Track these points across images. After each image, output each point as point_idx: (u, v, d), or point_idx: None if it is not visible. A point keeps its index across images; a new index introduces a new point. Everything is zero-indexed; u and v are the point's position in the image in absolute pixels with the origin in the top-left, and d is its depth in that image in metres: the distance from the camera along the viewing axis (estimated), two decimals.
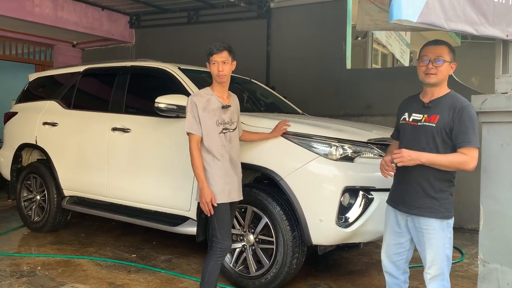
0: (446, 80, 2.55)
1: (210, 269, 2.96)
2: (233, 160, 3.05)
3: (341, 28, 6.86)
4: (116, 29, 8.67)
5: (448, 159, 2.41)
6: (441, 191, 2.49)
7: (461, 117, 2.40)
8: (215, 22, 7.84)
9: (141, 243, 4.87)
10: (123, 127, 4.33)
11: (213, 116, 2.98)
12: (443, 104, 2.48)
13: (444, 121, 2.44)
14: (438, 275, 2.52)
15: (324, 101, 6.71)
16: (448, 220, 2.51)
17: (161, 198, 4.05)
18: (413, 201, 2.54)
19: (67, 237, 5.03)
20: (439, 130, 2.45)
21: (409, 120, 2.59)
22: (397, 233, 2.67)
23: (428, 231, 2.51)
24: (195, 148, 2.94)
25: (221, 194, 2.95)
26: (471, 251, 4.75)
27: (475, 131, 2.40)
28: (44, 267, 4.05)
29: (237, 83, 5.06)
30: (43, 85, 5.68)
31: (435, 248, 2.50)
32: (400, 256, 2.70)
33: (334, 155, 3.33)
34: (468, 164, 2.39)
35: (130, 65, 4.68)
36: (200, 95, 3.03)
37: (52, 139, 5.03)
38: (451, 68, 2.53)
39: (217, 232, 2.97)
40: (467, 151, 2.39)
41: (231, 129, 3.06)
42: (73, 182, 4.82)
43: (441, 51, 2.51)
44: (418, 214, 2.53)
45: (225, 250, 3.00)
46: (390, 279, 2.77)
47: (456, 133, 2.41)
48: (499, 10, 2.68)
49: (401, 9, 2.23)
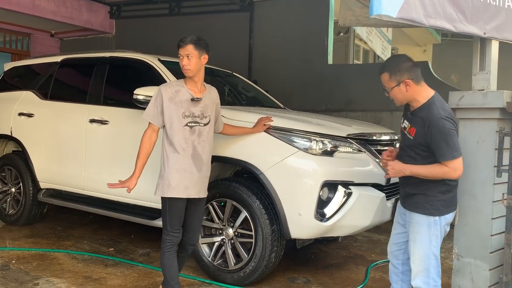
0: (417, 91, 2.50)
1: (167, 263, 2.98)
2: (197, 156, 2.96)
3: (324, 23, 6.87)
4: (96, 19, 8.52)
5: (430, 170, 2.46)
6: (429, 189, 2.52)
7: (432, 132, 2.42)
8: (197, 14, 7.77)
9: (119, 236, 4.81)
10: (101, 119, 4.26)
11: (179, 108, 2.91)
12: (418, 117, 2.51)
13: (419, 137, 2.48)
14: (422, 271, 2.55)
15: (305, 95, 6.73)
16: (435, 218, 2.52)
17: (138, 191, 3.97)
18: (407, 195, 2.63)
19: (43, 230, 4.94)
20: (416, 144, 2.51)
21: (402, 126, 2.66)
22: (400, 225, 2.76)
23: (413, 225, 2.58)
24: (146, 136, 2.95)
25: (176, 189, 2.91)
26: (447, 245, 4.82)
27: (448, 143, 2.39)
28: (19, 261, 3.97)
29: (219, 76, 5.03)
30: (19, 75, 5.54)
31: (419, 243, 2.55)
32: (399, 247, 2.78)
33: (314, 150, 3.33)
34: (451, 174, 2.44)
35: (109, 56, 4.60)
36: (170, 85, 3.00)
37: (28, 131, 4.91)
38: (405, 85, 2.47)
39: (167, 224, 2.98)
40: (445, 163, 2.42)
41: (201, 123, 2.97)
42: (50, 174, 4.73)
43: (383, 80, 2.55)
44: (409, 209, 2.61)
45: (174, 242, 2.99)
46: (391, 266, 2.86)
47: (433, 148, 2.44)
48: (477, 8, 2.72)
49: (381, 4, 2.25)
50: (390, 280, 2.87)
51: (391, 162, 2.57)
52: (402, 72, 2.48)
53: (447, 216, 2.56)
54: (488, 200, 2.79)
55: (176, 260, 3.03)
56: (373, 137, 3.66)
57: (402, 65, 2.50)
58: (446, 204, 2.54)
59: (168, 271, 3.00)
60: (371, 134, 3.68)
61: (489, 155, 2.78)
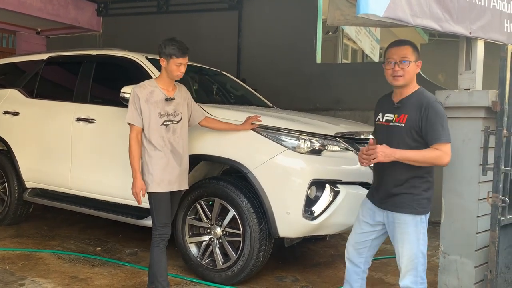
0: (415, 79, 2.55)
1: (156, 257, 3.05)
2: (176, 151, 3.10)
3: (312, 22, 6.88)
4: (83, 17, 8.41)
5: (422, 154, 2.42)
6: (414, 187, 2.50)
7: (428, 114, 2.41)
8: (186, 12, 7.72)
9: (106, 236, 4.77)
10: (88, 118, 4.22)
11: (155, 108, 3.02)
12: (411, 103, 2.49)
13: (413, 120, 2.46)
14: (410, 270, 2.54)
15: (294, 94, 6.73)
16: (422, 216, 2.52)
17: (126, 190, 3.93)
18: (388, 196, 2.56)
19: (28, 230, 4.87)
20: (408, 130, 2.47)
21: (383, 121, 2.61)
22: (368, 225, 2.69)
23: (400, 226, 2.53)
24: (133, 139, 3.01)
25: (159, 184, 3.03)
26: (433, 243, 4.85)
27: (444, 126, 2.41)
28: (4, 261, 3.91)
29: (207, 75, 5.01)
30: (4, 73, 5.45)
31: (408, 243, 2.52)
32: (364, 245, 2.73)
33: (302, 148, 3.34)
34: (442, 159, 2.42)
35: (96, 53, 4.55)
36: (143, 86, 3.07)
37: (13, 129, 4.84)
38: (417, 66, 2.53)
39: (156, 219, 3.07)
40: (439, 146, 2.41)
41: (175, 121, 3.10)
42: (36, 173, 4.66)
43: (405, 51, 2.50)
44: (392, 210, 2.55)
45: (163, 237, 3.07)
46: (351, 266, 2.80)
47: (426, 131, 2.42)
48: (463, 8, 2.75)
49: (368, 4, 2.25)
50: (349, 280, 2.80)
51: (379, 146, 2.44)
52: (419, 54, 2.54)
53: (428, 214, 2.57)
54: (474, 198, 2.83)
55: (165, 256, 3.08)
56: (360, 136, 3.66)
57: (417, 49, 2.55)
58: (429, 202, 2.55)
59: (156, 266, 3.05)
60: (358, 133, 3.69)
61: (475, 154, 2.81)
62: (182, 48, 3.01)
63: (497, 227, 2.70)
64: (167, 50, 2.99)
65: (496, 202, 2.69)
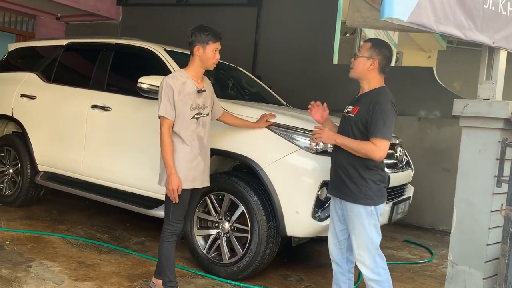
0: (375, 76, 2.67)
1: (165, 252, 2.99)
2: (203, 146, 3.00)
3: (331, 23, 6.85)
4: (103, 5, 8.46)
5: (357, 144, 2.57)
6: (363, 178, 2.60)
7: (374, 109, 2.54)
8: (205, 6, 7.72)
9: (114, 223, 4.81)
10: (103, 105, 4.25)
11: (188, 100, 2.90)
12: (366, 99, 2.64)
13: (361, 114, 2.61)
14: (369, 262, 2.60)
15: (308, 94, 6.66)
16: (371, 207, 2.59)
17: (137, 179, 4.00)
18: (340, 186, 2.69)
19: (38, 213, 4.93)
20: (355, 121, 2.63)
21: (344, 111, 2.78)
22: (337, 221, 2.80)
23: (351, 217, 2.64)
24: (166, 133, 2.86)
25: (184, 181, 2.91)
26: (440, 252, 4.85)
27: (386, 124, 2.51)
28: (13, 242, 3.96)
29: (223, 70, 5.01)
30: (23, 56, 5.51)
31: (359, 235, 2.61)
32: (341, 244, 2.81)
33: (315, 149, 3.33)
34: (374, 153, 2.52)
35: (115, 42, 4.58)
36: (176, 77, 2.93)
37: (29, 112, 4.90)
38: (371, 64, 2.64)
39: (171, 214, 2.97)
40: (375, 141, 2.51)
41: (204, 114, 3.01)
42: (48, 157, 4.72)
43: (362, 47, 2.71)
44: (343, 199, 2.68)
45: (175, 232, 3.00)
46: (336, 267, 2.88)
47: (369, 125, 2.55)
48: (488, 17, 2.71)
49: (393, 8, 2.23)
50: (337, 282, 2.87)
51: (326, 129, 2.71)
52: (378, 53, 2.65)
53: (381, 207, 2.65)
54: (487, 210, 2.80)
55: (174, 250, 3.04)
56: None
57: (383, 49, 2.66)
58: (378, 194, 2.61)
59: (166, 261, 3.01)
60: None
61: (490, 165, 2.78)
62: (216, 33, 2.96)
63: (509, 240, 2.68)
64: (202, 37, 2.90)
65: (509, 215, 2.67)
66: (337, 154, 2.72)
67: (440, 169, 5.83)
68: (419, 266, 4.39)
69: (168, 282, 3.02)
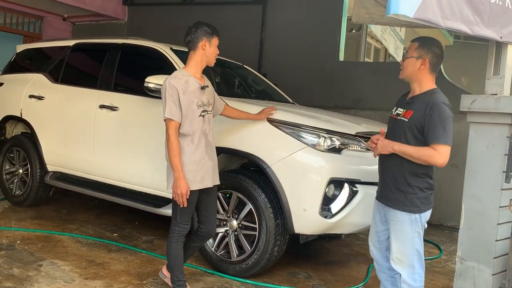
0: (426, 77, 2.56)
1: (173, 253, 2.98)
2: (208, 143, 2.98)
3: (337, 19, 6.83)
4: (109, 5, 8.50)
5: (417, 150, 2.47)
6: (410, 186, 2.53)
7: (432, 114, 2.44)
8: (210, 5, 7.73)
9: (123, 222, 4.85)
10: (111, 105, 4.28)
11: (193, 98, 2.86)
12: (420, 101, 2.53)
13: (416, 118, 2.50)
14: (407, 267, 2.57)
15: (315, 91, 6.70)
16: (416, 215, 2.54)
17: (146, 178, 4.03)
18: (386, 192, 2.63)
19: (48, 213, 4.98)
20: (410, 126, 2.52)
21: (393, 114, 2.68)
22: (379, 222, 2.76)
23: (394, 223, 2.59)
24: (173, 135, 2.81)
25: (193, 182, 2.87)
26: (449, 248, 4.83)
27: (445, 128, 2.43)
28: (24, 241, 4.01)
29: (229, 68, 5.03)
30: (31, 57, 5.56)
31: (401, 241, 2.57)
32: (381, 244, 2.78)
33: (322, 146, 3.33)
34: (435, 159, 2.44)
35: (122, 42, 4.61)
36: (177, 77, 2.87)
37: (38, 113, 4.95)
38: (421, 63, 2.53)
39: (178, 215, 2.94)
40: (435, 147, 2.43)
41: (209, 111, 2.99)
42: (57, 157, 4.76)
43: (410, 47, 2.60)
44: (387, 205, 2.63)
45: (183, 233, 2.98)
46: (376, 265, 2.87)
47: (427, 130, 2.46)
48: (495, 11, 2.69)
49: (399, 4, 2.23)
50: (380, 278, 2.89)
51: (381, 138, 2.58)
52: (428, 51, 2.54)
53: (426, 214, 2.59)
54: (495, 205, 2.78)
55: (182, 250, 3.03)
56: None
57: (433, 47, 2.55)
58: (425, 202, 2.56)
59: (174, 261, 3.01)
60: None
61: (499, 160, 2.77)
62: (216, 28, 2.98)
63: None
64: (208, 31, 2.91)
65: None
66: (387, 160, 2.59)
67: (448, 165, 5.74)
68: (427, 262, 4.37)
69: (177, 281, 3.04)
